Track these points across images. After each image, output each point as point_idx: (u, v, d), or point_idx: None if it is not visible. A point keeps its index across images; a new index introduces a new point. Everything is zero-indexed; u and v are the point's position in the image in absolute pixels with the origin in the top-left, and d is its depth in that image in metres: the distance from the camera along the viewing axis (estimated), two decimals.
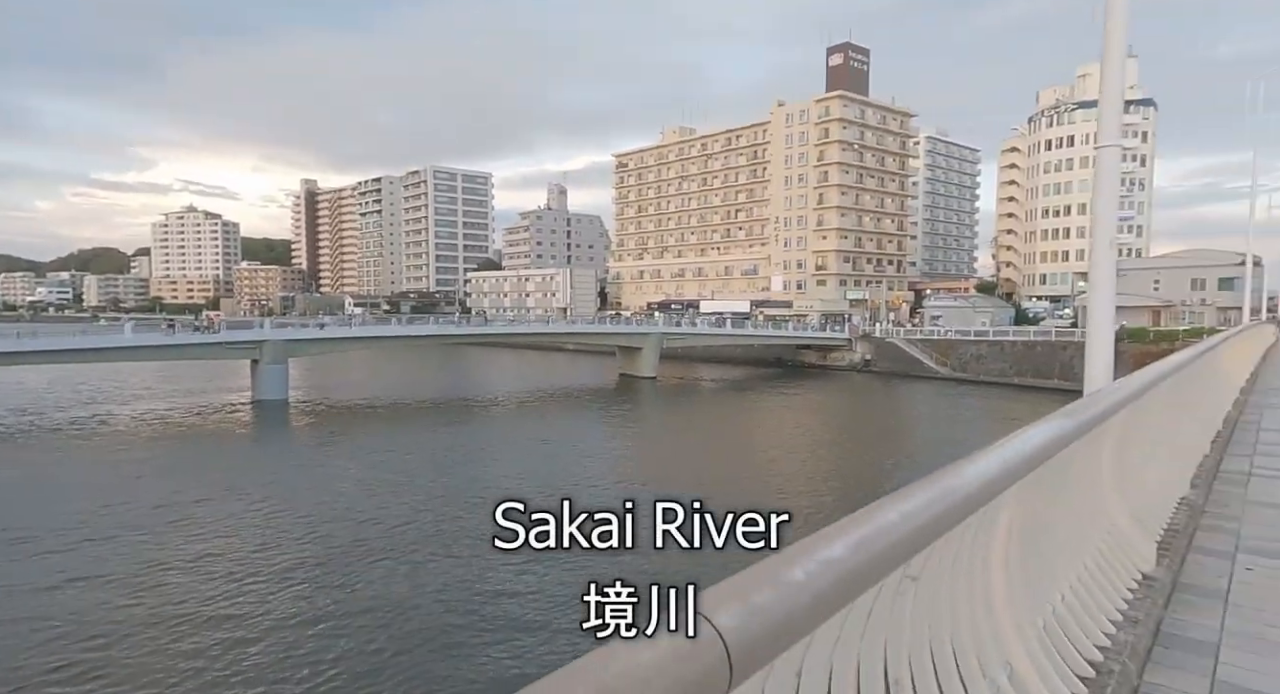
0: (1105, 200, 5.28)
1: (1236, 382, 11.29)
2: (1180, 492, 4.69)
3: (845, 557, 1.09)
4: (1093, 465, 3.26)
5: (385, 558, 16.05)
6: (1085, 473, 3.19)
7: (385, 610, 13.29)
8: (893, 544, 1.24)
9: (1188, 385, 6.03)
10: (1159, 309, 63.78)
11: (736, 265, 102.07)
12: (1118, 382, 4.18)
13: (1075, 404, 2.92)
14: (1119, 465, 3.71)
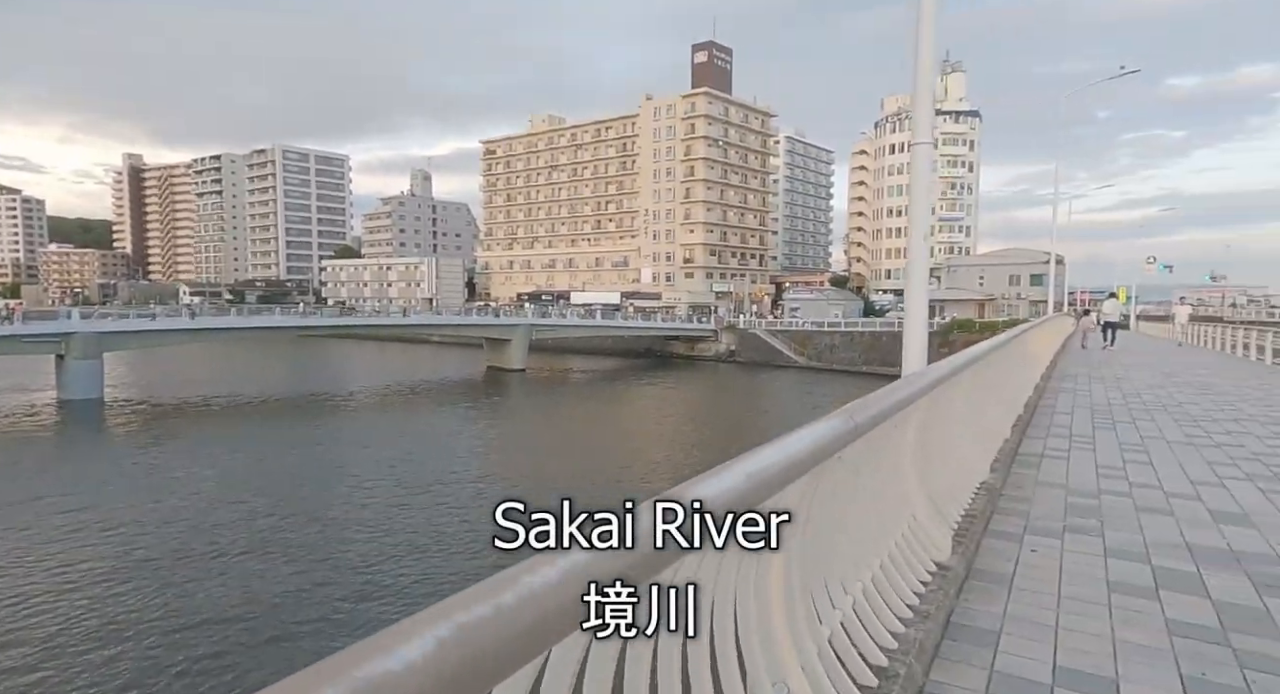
0: (920, 195, 5.47)
1: (1038, 368, 12.46)
2: (980, 477, 4.93)
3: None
4: (892, 456, 3.25)
5: (199, 572, 14.50)
6: (884, 464, 3.16)
7: (189, 629, 11.96)
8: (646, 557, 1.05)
9: (991, 372, 6.43)
10: (983, 302, 70.65)
11: (607, 257, 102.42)
12: (922, 369, 4.32)
13: (868, 397, 2.87)
14: (921, 453, 3.77)
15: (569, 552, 0.97)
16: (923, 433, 3.77)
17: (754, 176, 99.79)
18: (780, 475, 1.62)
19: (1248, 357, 19.31)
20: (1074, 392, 11.14)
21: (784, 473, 1.66)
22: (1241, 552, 3.93)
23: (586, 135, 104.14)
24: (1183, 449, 6.73)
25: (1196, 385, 12.33)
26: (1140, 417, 8.70)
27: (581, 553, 0.99)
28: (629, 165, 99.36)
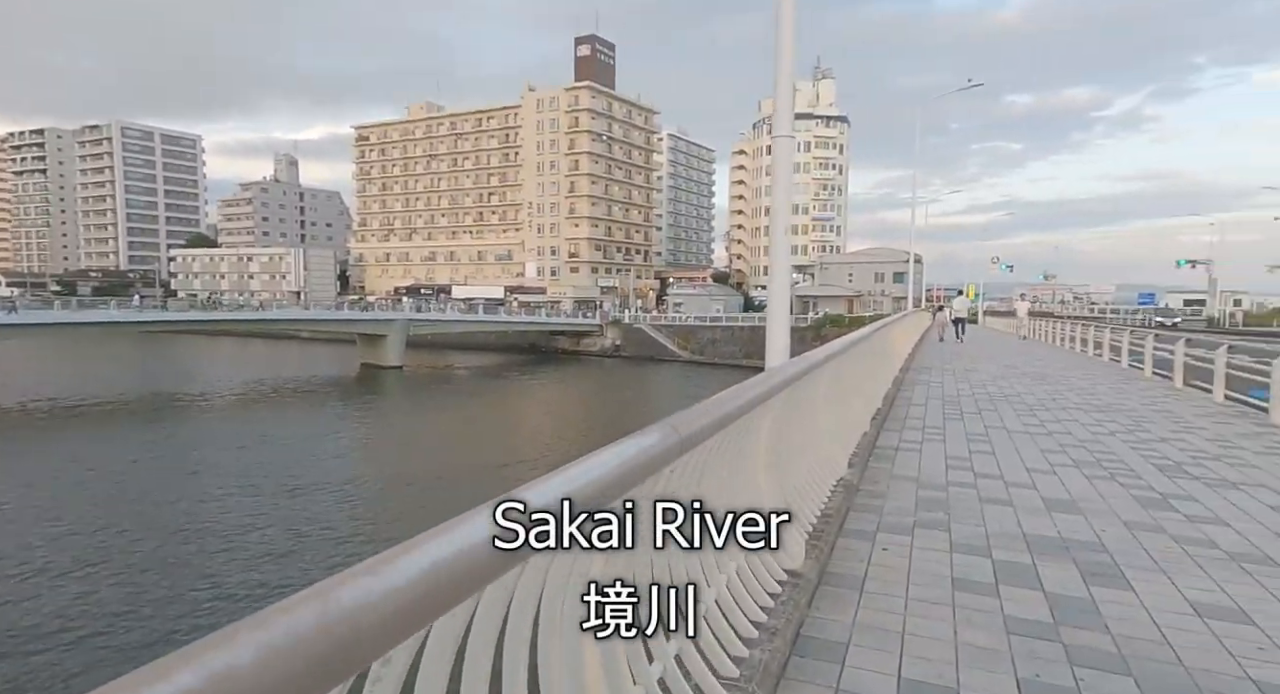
0: (781, 188, 5.42)
1: (898, 361, 13.10)
2: (839, 473, 4.93)
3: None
4: (741, 461, 3.08)
5: (8, 593, 12.62)
6: (732, 469, 2.98)
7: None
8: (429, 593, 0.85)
9: (851, 367, 6.53)
10: (852, 298, 74.81)
11: (490, 250, 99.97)
12: (781, 364, 4.24)
13: (725, 392, 2.67)
14: (775, 454, 3.64)
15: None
16: (778, 432, 3.65)
17: (638, 173, 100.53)
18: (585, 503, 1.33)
19: (1074, 349, 21.37)
20: (928, 384, 11.77)
21: (590, 502, 1.37)
22: (1070, 539, 4.09)
23: (467, 125, 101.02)
24: (1021, 438, 7.15)
25: (1033, 376, 13.40)
26: (985, 407, 9.25)
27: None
28: (512, 157, 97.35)
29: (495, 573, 1.06)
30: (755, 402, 2.91)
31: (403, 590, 0.82)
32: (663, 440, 1.62)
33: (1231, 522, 4.47)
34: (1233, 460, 6.25)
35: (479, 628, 1.24)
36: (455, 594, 0.94)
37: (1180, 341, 11.98)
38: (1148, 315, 67.23)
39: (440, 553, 0.91)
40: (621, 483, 1.38)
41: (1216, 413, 9.04)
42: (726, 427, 2.53)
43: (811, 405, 4.76)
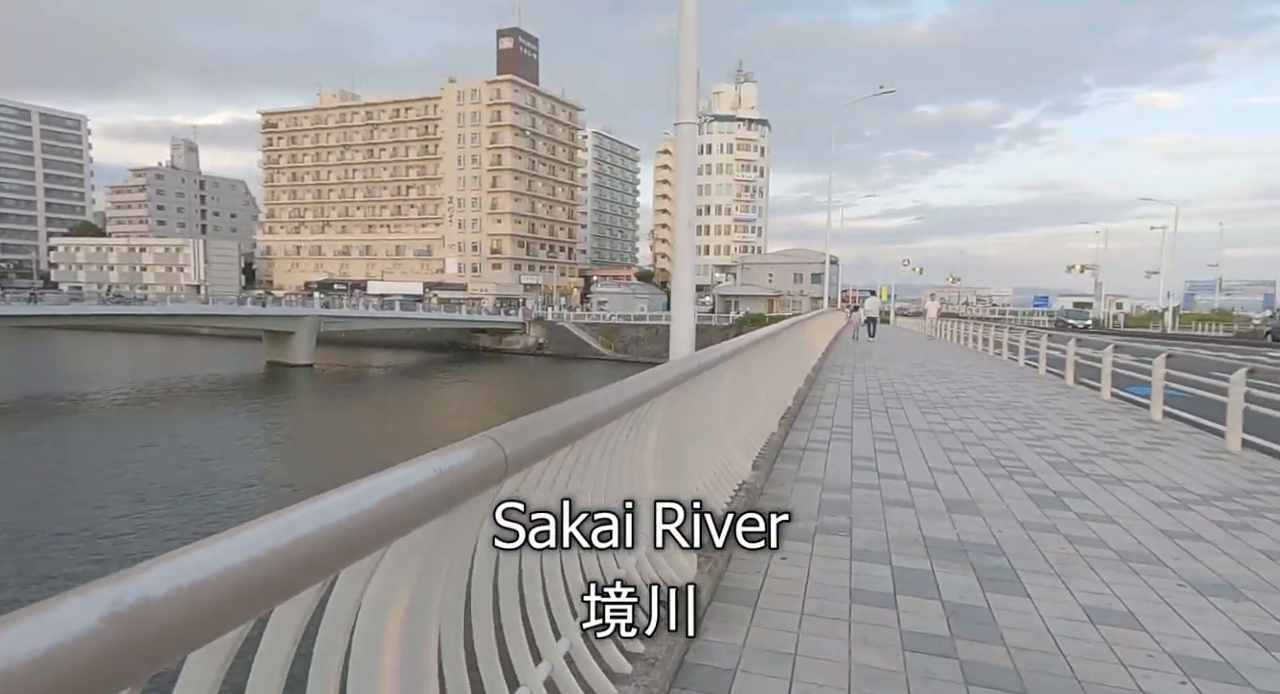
0: (685, 177, 5.18)
1: (811, 359, 13.20)
2: (741, 476, 4.73)
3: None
4: (619, 471, 2.78)
5: None
6: (611, 480, 2.68)
7: None
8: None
9: (758, 365, 6.38)
10: (773, 298, 76.43)
11: (409, 245, 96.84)
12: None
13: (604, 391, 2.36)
14: (666, 461, 3.38)
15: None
16: (669, 435, 3.39)
17: (562, 169, 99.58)
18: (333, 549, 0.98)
19: (976, 348, 22.32)
20: (840, 382, 11.89)
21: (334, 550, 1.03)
22: (969, 543, 4.01)
23: (384, 115, 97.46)
24: (925, 437, 7.19)
25: (938, 374, 13.78)
26: (892, 405, 9.35)
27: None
28: (431, 149, 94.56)
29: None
30: (634, 401, 2.62)
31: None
32: (477, 458, 1.30)
33: (1120, 519, 4.52)
34: (1119, 456, 6.45)
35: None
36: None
37: (1071, 341, 12.56)
38: (1060, 318, 65.77)
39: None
40: (396, 520, 1.05)
41: (1104, 409, 9.45)
42: (585, 434, 2.23)
43: (711, 406, 4.54)
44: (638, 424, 2.83)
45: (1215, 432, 7.97)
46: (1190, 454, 6.60)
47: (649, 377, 2.91)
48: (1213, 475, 5.80)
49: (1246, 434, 6.80)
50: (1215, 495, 5.16)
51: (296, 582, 0.86)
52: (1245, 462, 6.35)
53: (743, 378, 5.64)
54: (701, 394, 4.07)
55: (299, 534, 0.84)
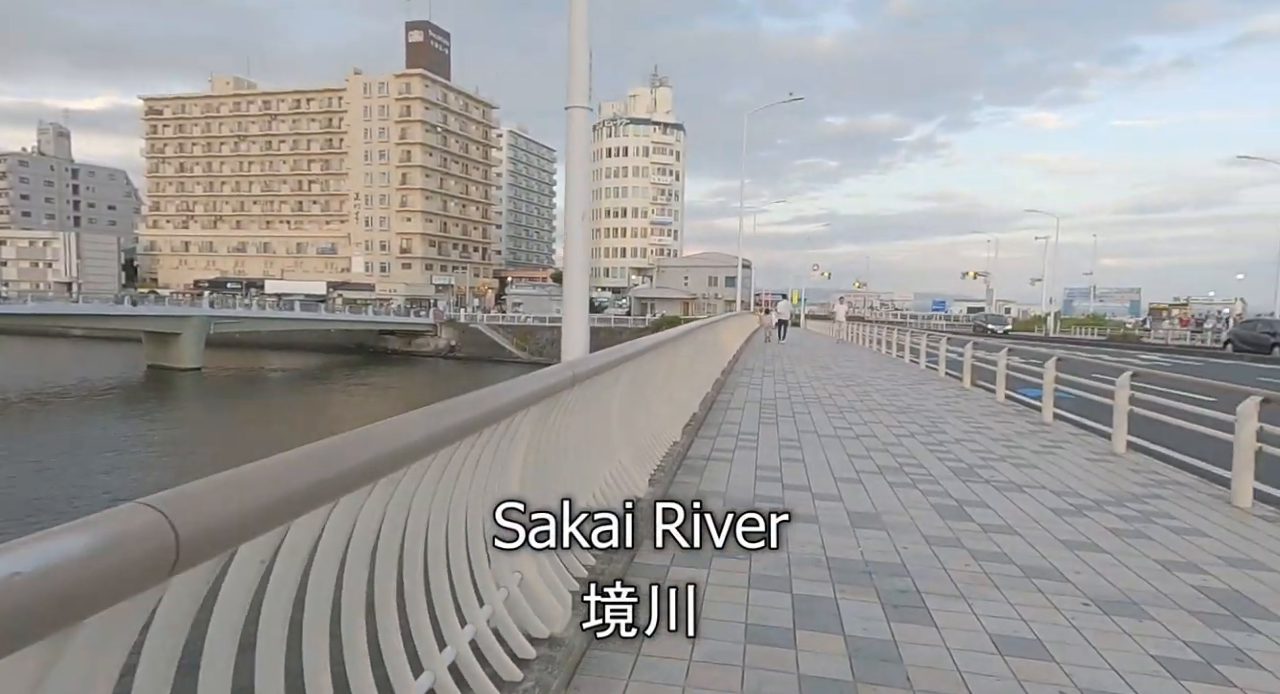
0: (578, 166, 4.76)
1: (722, 362, 13.05)
2: (634, 494, 4.34)
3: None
4: (483, 487, 2.32)
5: None
6: (457, 501, 2.22)
7: None
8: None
9: (658, 370, 6.03)
10: (688, 300, 77.16)
11: (312, 242, 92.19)
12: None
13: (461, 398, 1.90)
14: (540, 479, 2.93)
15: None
16: (542, 450, 2.95)
17: (476, 168, 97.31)
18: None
19: (880, 351, 22.95)
20: (749, 386, 11.76)
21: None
22: (873, 562, 3.76)
23: (284, 105, 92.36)
24: (831, 443, 7.04)
25: (844, 377, 13.93)
26: (799, 410, 9.23)
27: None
28: (336, 143, 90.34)
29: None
30: (496, 414, 2.18)
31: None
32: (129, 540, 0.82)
33: (1021, 529, 4.40)
34: (1016, 461, 6.47)
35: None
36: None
37: (968, 345, 12.93)
38: (979, 323, 61.71)
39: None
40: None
41: (999, 411, 9.67)
42: (430, 453, 1.78)
43: (602, 415, 4.13)
44: (492, 445, 2.37)
45: (1101, 433, 8.23)
46: (1081, 457, 6.71)
47: (515, 386, 2.47)
48: (1103, 479, 5.87)
49: (1131, 436, 6.99)
50: (1108, 500, 5.17)
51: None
52: (1131, 464, 6.50)
53: (641, 384, 5.26)
54: (587, 404, 3.66)
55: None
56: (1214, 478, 6.14)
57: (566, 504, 2.69)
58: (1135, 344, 38.49)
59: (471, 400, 2.06)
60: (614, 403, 4.34)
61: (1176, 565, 3.84)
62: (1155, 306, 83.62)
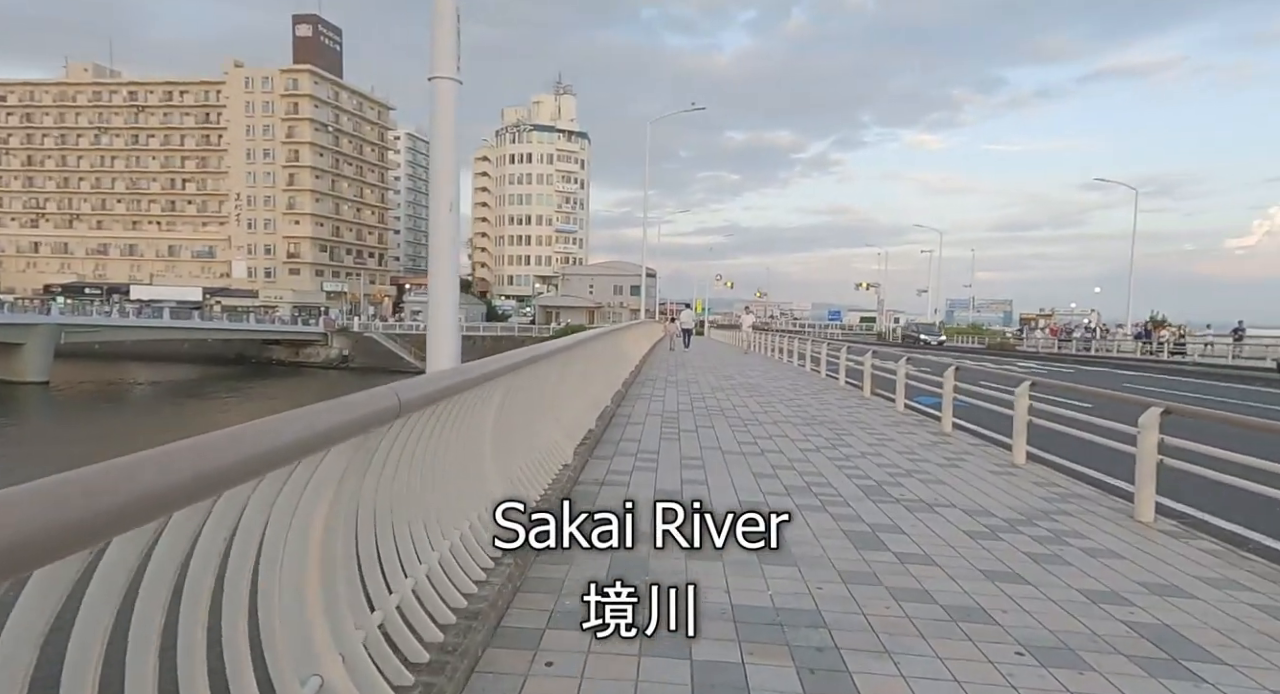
0: (443, 148, 4.05)
1: (623, 373, 12.50)
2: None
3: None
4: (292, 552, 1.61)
5: None
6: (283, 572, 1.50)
7: None
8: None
9: (546, 382, 5.37)
10: (593, 309, 76.65)
11: (186, 245, 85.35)
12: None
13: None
14: (391, 519, 2.22)
15: None
16: (393, 483, 2.25)
17: (371, 170, 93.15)
18: None
19: (782, 360, 23.15)
20: (651, 398, 11.25)
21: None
22: (784, 610, 3.25)
23: (153, 97, 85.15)
24: (735, 461, 6.58)
25: (748, 388, 13.69)
26: (703, 423, 8.78)
27: None
28: (214, 140, 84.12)
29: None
30: (309, 444, 1.49)
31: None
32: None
33: (939, 559, 4.03)
34: (923, 476, 6.22)
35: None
36: None
37: (868, 354, 12.98)
38: (910, 334, 56.87)
39: None
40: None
41: (900, 421, 9.58)
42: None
43: (475, 438, 3.44)
44: (324, 467, 1.66)
45: (998, 443, 8.22)
46: (985, 470, 6.56)
47: (337, 409, 1.78)
48: (1010, 495, 5.68)
49: (1029, 447, 6.93)
50: (1019, 519, 4.93)
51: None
52: (1033, 476, 6.39)
53: (522, 400, 4.59)
54: (454, 423, 2.97)
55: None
56: (1111, 489, 6.10)
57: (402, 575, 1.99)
58: (1011, 352, 41.11)
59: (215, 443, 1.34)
60: (488, 423, 3.66)
61: (1101, 596, 3.54)
62: (1025, 316, 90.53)
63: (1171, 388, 17.73)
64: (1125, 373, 23.80)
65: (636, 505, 2.84)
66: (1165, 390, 16.62)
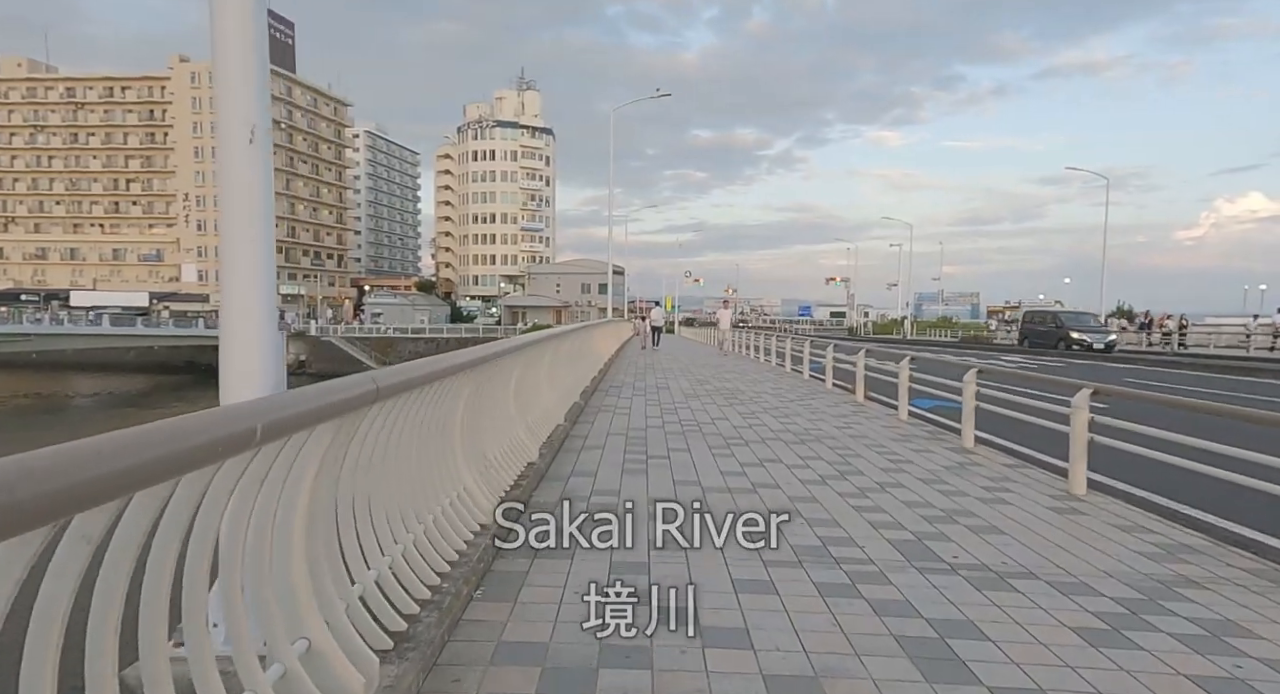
0: (230, 25, 2.39)
1: (582, 380, 10.89)
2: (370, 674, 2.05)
3: None
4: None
5: None
6: None
7: None
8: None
9: (480, 399, 3.75)
10: (560, 308, 74.77)
11: (132, 248, 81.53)
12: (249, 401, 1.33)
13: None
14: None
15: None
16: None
17: (328, 169, 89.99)
18: None
19: (758, 359, 21.71)
20: (614, 410, 9.63)
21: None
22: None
23: (93, 93, 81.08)
24: (721, 503, 5.00)
25: (726, 394, 12.14)
26: (675, 445, 7.19)
27: None
28: (159, 138, 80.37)
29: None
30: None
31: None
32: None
33: (1045, 684, 2.50)
34: (968, 519, 4.71)
35: None
36: None
37: (861, 353, 11.53)
38: (1045, 329, 31.94)
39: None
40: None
41: (910, 435, 8.10)
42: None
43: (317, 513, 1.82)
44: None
45: (1030, 459, 6.80)
46: (1041, 506, 5.08)
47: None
48: (1095, 547, 4.19)
49: (1093, 472, 5.48)
50: (1137, 597, 3.43)
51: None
52: (1109, 515, 4.92)
53: (438, 431, 3.02)
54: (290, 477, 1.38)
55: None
56: (1230, 537, 4.66)
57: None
58: (989, 345, 40.33)
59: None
60: (388, 470, 2.05)
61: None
62: (992, 309, 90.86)
63: (1256, 392, 13.91)
64: (1163, 371, 20.05)
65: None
66: (1251, 395, 13.02)
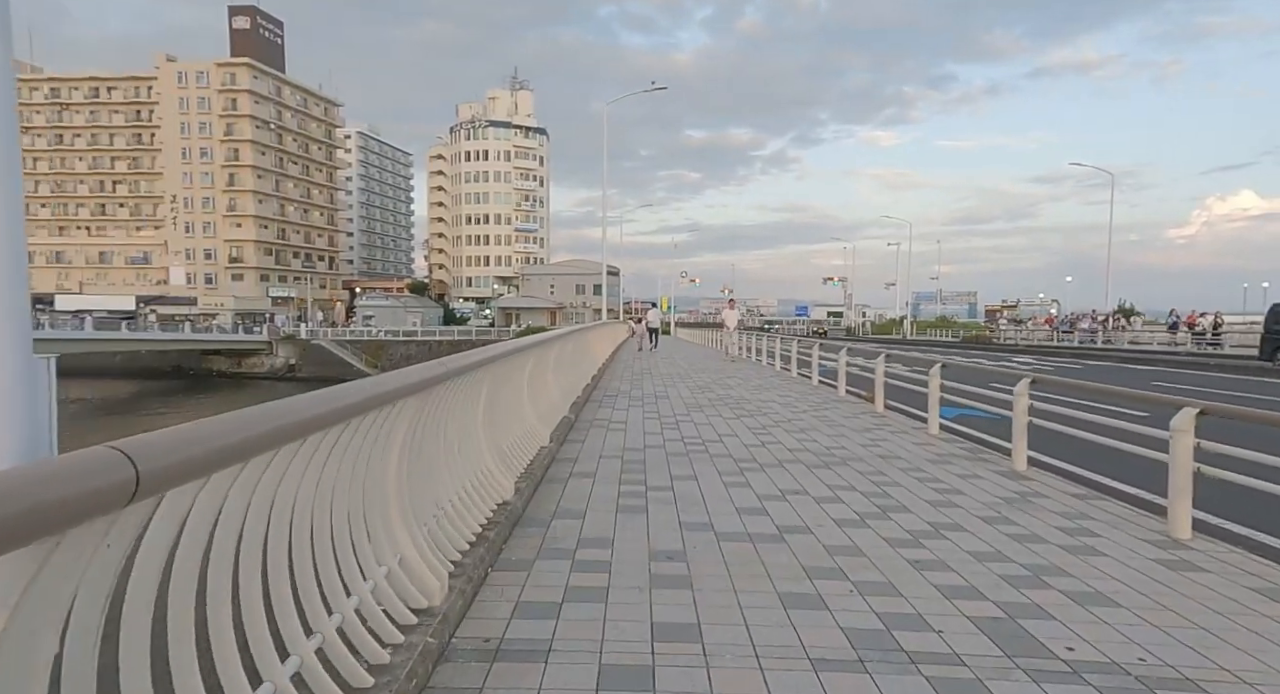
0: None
1: (573, 391, 9.85)
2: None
3: None
4: None
5: None
6: None
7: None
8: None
9: (490, 398, 2.71)
10: (555, 310, 73.72)
11: (119, 251, 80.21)
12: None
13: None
14: None
15: None
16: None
17: (319, 170, 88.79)
18: None
19: (761, 361, 20.71)
20: (608, 425, 8.59)
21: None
22: None
23: (78, 94, 79.80)
24: (739, 562, 3.95)
25: (731, 403, 11.13)
26: (680, 472, 6.15)
27: None
28: (147, 139, 79.13)
29: None
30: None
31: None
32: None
33: None
34: (1054, 578, 3.68)
35: None
36: None
37: (880, 357, 10.51)
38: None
39: None
40: None
41: (948, 455, 7.08)
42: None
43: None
44: None
45: (1118, 494, 5.79)
46: (1145, 559, 4.05)
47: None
48: (1241, 625, 3.17)
49: (1197, 511, 4.47)
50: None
51: None
52: (1229, 569, 3.90)
53: (363, 476, 2.01)
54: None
55: None
56: None
57: None
58: (992, 345, 39.43)
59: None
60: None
61: None
62: (990, 308, 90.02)
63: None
64: (1220, 376, 18.25)
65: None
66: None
